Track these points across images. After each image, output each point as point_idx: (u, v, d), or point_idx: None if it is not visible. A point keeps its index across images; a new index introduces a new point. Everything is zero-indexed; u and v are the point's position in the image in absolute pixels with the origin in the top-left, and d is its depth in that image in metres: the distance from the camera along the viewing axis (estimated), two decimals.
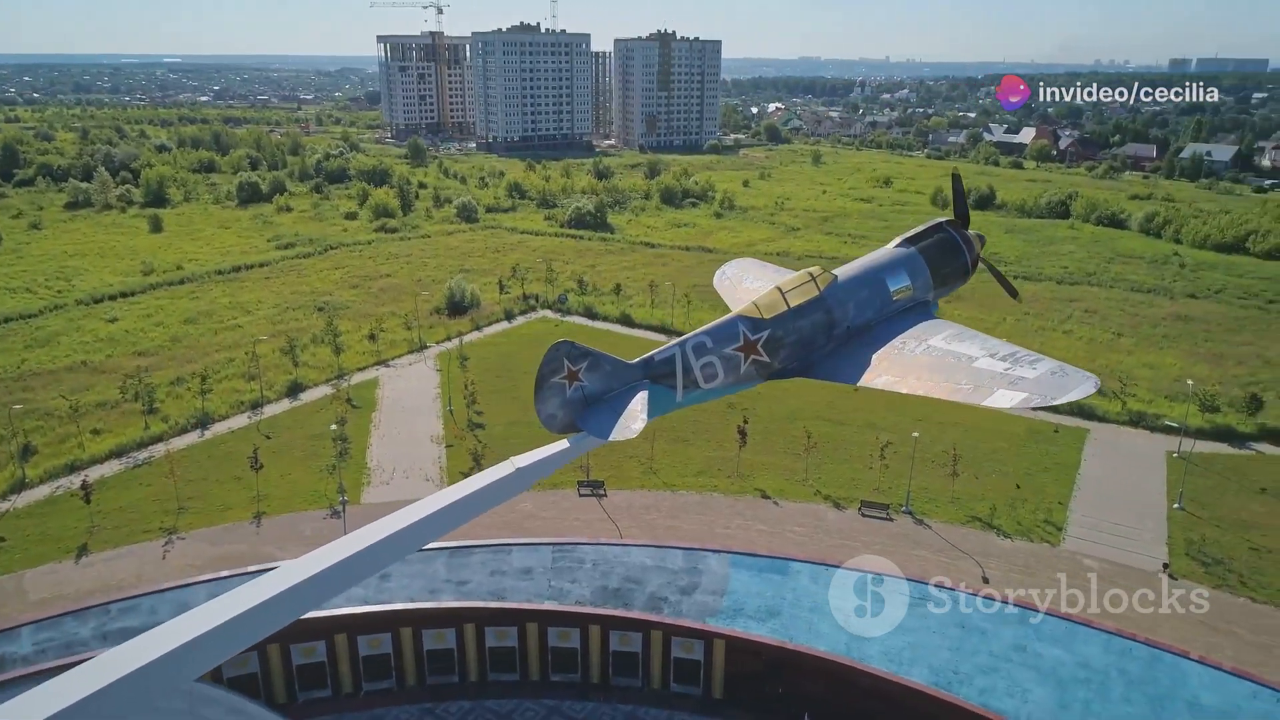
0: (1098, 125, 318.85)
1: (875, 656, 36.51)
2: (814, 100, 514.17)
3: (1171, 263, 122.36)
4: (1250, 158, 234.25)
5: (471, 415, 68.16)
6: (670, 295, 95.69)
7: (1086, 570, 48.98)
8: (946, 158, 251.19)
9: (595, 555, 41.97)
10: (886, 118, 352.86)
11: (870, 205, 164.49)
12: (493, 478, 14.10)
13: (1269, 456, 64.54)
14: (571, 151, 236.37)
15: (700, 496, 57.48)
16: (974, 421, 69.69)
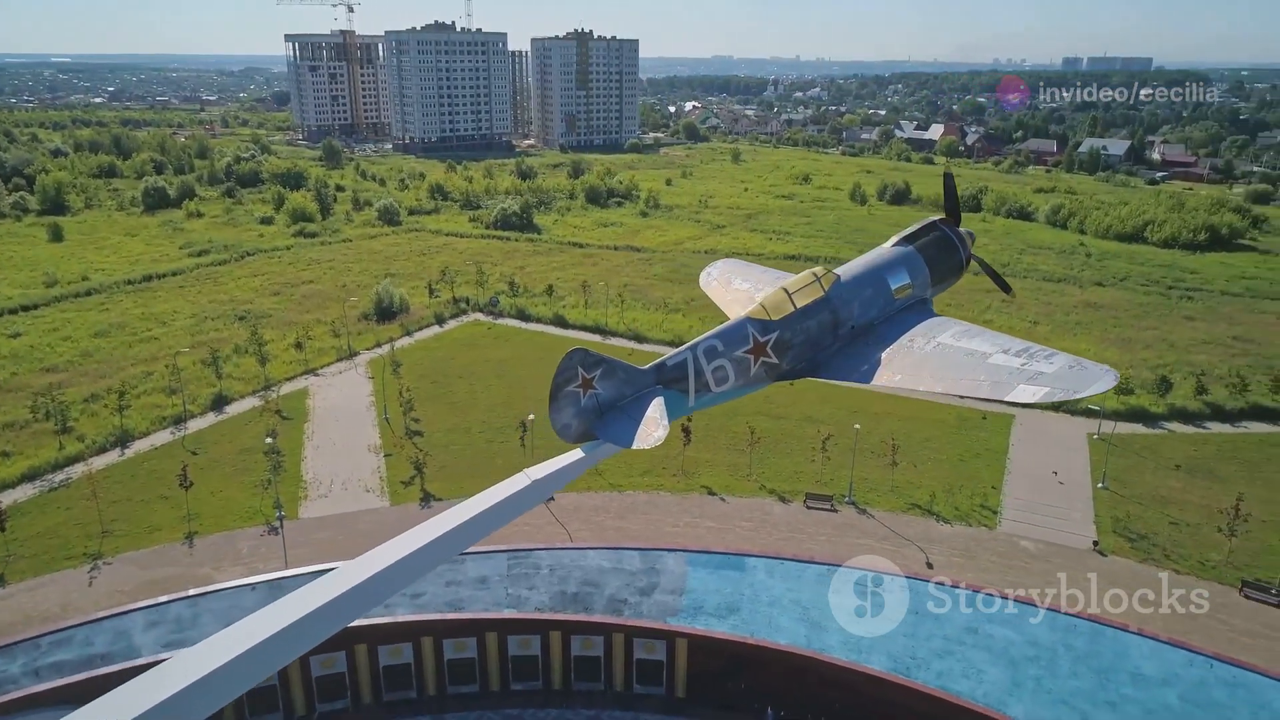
0: (1000, 122, 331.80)
1: (835, 646, 37.15)
2: (729, 99, 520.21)
3: (1078, 253, 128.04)
4: (1142, 151, 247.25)
5: (409, 423, 66.69)
6: (604, 295, 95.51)
7: (1035, 560, 50.80)
8: (861, 154, 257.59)
9: (551, 560, 41.60)
10: (801, 116, 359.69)
11: (792, 202, 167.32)
12: (508, 491, 13.77)
13: (1180, 435, 68.10)
14: (491, 152, 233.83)
15: (648, 496, 57.51)
16: (908, 412, 71.70)
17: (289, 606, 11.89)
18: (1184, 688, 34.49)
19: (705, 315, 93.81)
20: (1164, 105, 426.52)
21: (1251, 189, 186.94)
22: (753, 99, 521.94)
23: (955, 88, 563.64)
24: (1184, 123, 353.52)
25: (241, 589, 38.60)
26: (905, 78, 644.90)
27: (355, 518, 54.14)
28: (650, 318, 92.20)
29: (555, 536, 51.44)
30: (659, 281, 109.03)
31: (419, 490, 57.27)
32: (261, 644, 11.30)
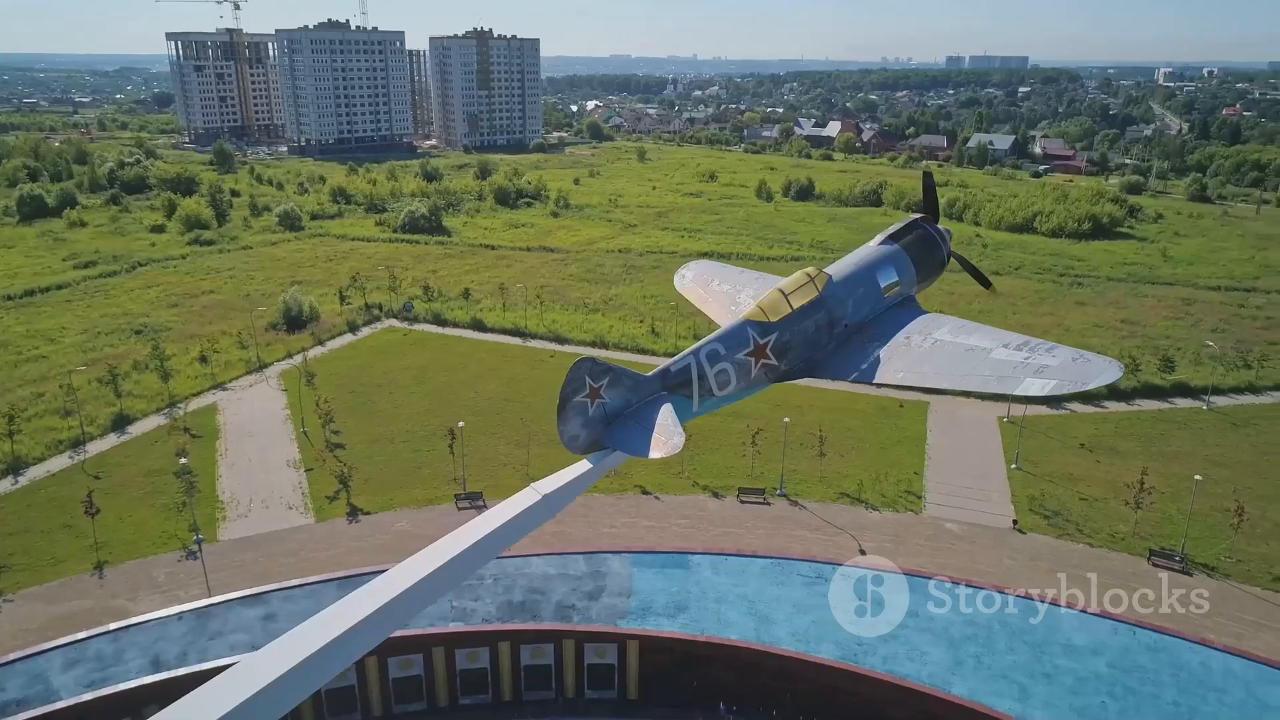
0: (892, 118, 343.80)
1: (784, 639, 37.73)
2: (629, 98, 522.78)
3: (975, 244, 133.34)
4: (1026, 145, 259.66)
5: (329, 435, 64.46)
6: (522, 297, 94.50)
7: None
8: (763, 152, 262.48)
9: (495, 570, 40.80)
10: (703, 114, 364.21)
11: (700, 199, 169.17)
12: (519, 507, 13.35)
13: (1081, 415, 71.74)
14: (392, 153, 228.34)
15: (583, 498, 56.46)
16: (830, 403, 73.30)
17: (296, 643, 11.32)
18: (1111, 655, 36.37)
19: (625, 315, 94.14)
20: (1041, 101, 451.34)
21: (1125, 180, 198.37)
22: (653, 98, 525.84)
23: (847, 85, 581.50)
24: (1060, 118, 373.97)
25: (168, 619, 36.63)
26: (800, 76, 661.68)
27: (279, 537, 52.00)
28: (570, 318, 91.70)
29: None
30: (576, 282, 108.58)
31: (345, 505, 55.45)
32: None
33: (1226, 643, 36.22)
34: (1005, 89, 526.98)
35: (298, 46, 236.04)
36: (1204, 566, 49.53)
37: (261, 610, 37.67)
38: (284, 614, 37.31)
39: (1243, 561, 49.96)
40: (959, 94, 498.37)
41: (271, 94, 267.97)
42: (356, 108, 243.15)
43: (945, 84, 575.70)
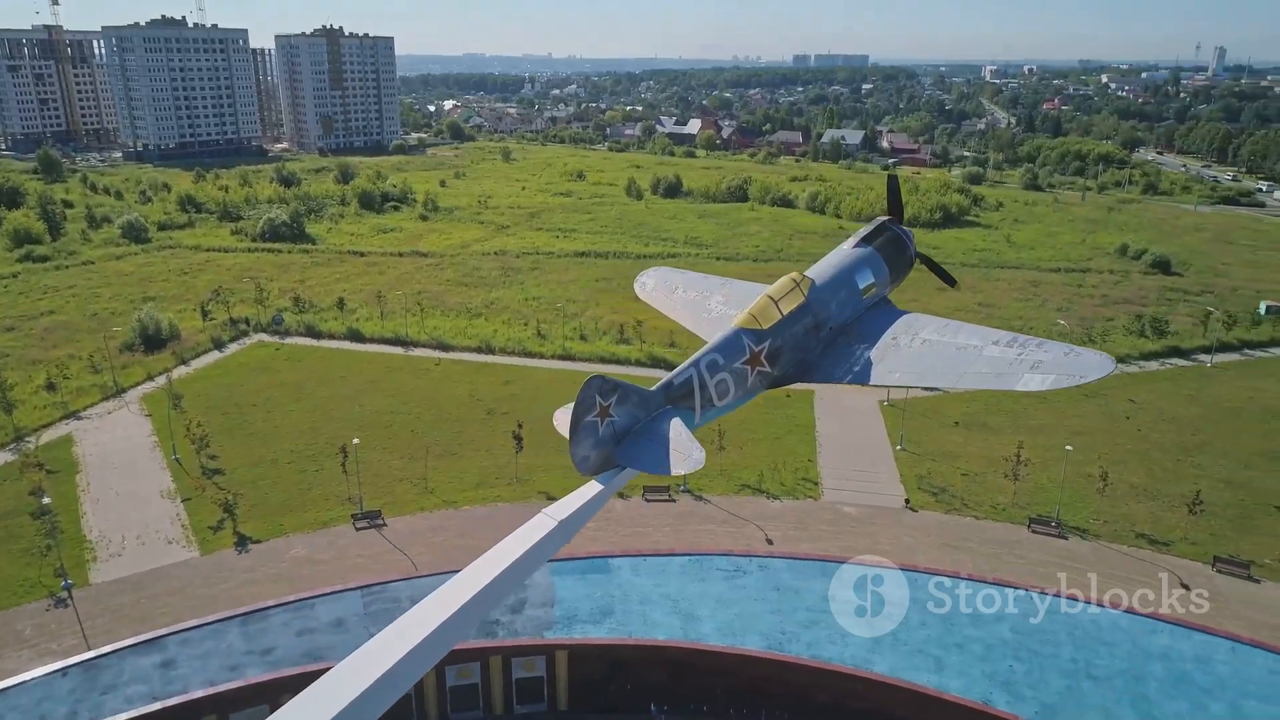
0: (749, 115, 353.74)
1: (710, 634, 38.20)
2: (487, 97, 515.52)
3: (839, 235, 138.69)
4: (874, 140, 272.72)
5: (204, 461, 60.38)
6: (400, 304, 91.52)
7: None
8: (627, 150, 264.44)
9: (411, 591, 39.40)
10: (564, 113, 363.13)
11: (570, 199, 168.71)
12: (533, 536, 12.79)
13: (953, 395, 75.72)
14: (241, 158, 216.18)
15: (486, 509, 55.92)
16: None
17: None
18: (1013, 621, 38.72)
19: (508, 319, 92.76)
20: (884, 97, 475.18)
21: (966, 171, 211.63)
22: (511, 97, 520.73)
23: (702, 83, 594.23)
24: (901, 113, 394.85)
25: (52, 676, 33.37)
26: (656, 74, 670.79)
27: (161, 575, 48.29)
28: (453, 324, 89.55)
29: (395, 567, 48.70)
30: (454, 286, 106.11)
31: (232, 534, 52.11)
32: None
33: (1112, 599, 39.23)
34: (850, 86, 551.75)
35: (129, 45, 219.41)
36: (1076, 529, 53.46)
37: (158, 657, 34.97)
38: (184, 659, 34.81)
39: (1109, 522, 54.25)
40: (808, 91, 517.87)
41: (100, 96, 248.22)
42: (199, 110, 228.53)
43: (794, 82, 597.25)
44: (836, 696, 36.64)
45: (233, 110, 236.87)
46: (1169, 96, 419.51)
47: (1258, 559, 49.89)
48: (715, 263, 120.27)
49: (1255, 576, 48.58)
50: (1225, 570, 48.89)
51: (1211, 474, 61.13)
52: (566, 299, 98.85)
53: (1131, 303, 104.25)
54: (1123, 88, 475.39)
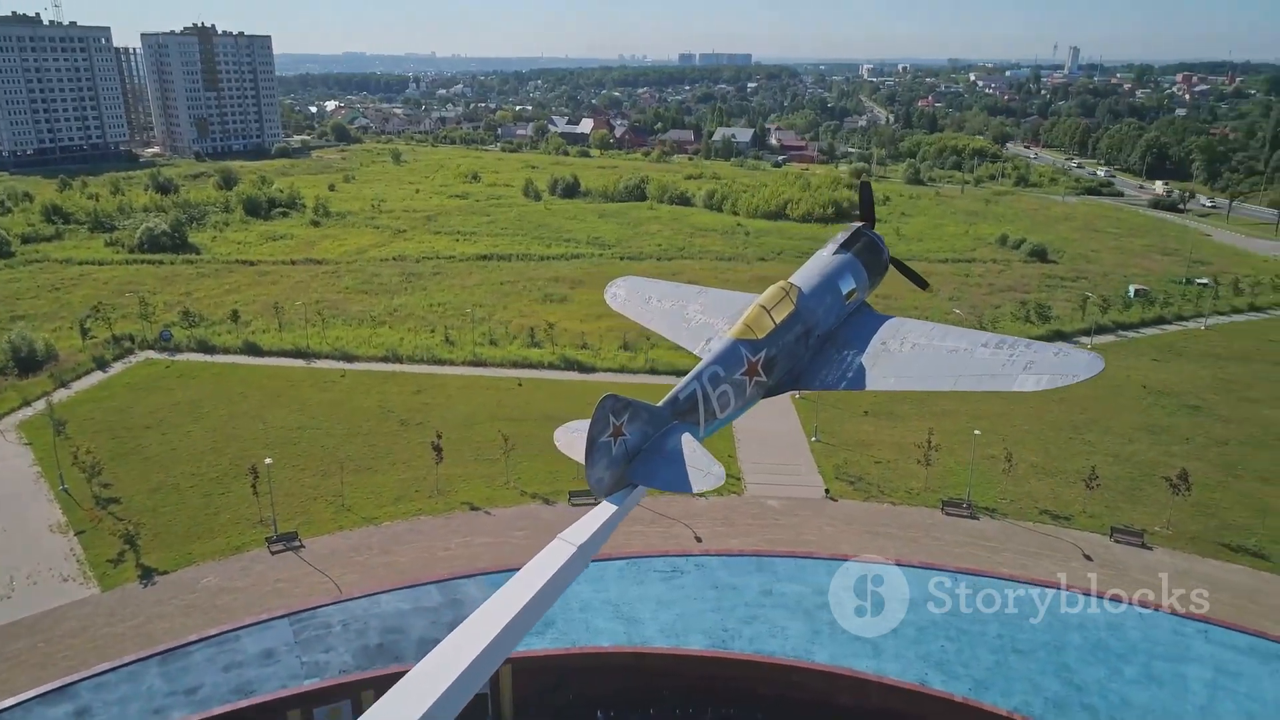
0: (640, 114, 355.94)
1: (654, 637, 38.21)
2: (370, 97, 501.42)
3: (738, 233, 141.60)
4: (764, 137, 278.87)
5: (97, 490, 56.53)
6: (299, 315, 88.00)
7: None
8: (520, 150, 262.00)
9: (342, 615, 37.99)
10: (453, 113, 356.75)
11: (467, 201, 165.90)
12: (554, 563, 12.39)
13: None
14: (110, 164, 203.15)
15: (408, 524, 54.35)
16: (639, 395, 74.79)
17: None
18: (940, 601, 40.23)
19: (414, 326, 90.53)
20: (768, 96, 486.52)
21: (853, 166, 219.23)
22: (396, 97, 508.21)
23: (591, 82, 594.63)
24: (786, 111, 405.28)
25: None
26: (543, 73, 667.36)
27: (59, 615, 44.93)
28: (356, 334, 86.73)
29: (319, 590, 46.84)
30: (353, 294, 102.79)
31: (135, 567, 48.98)
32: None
33: (1031, 576, 41.29)
34: (735, 84, 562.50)
35: None
36: (986, 509, 56.03)
37: (69, 706, 32.51)
38: (100, 706, 32.49)
39: (1014, 501, 57.09)
40: (695, 90, 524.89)
41: None
42: (58, 113, 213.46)
43: (681, 80, 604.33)
44: (780, 689, 37.27)
45: (97, 113, 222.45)
46: (1031, 93, 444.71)
47: (1149, 527, 53.47)
48: (620, 262, 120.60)
49: (1148, 544, 52.05)
50: (1122, 540, 52.17)
51: (1101, 449, 65.12)
52: (472, 303, 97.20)
53: (1015, 290, 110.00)
54: (989, 85, 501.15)
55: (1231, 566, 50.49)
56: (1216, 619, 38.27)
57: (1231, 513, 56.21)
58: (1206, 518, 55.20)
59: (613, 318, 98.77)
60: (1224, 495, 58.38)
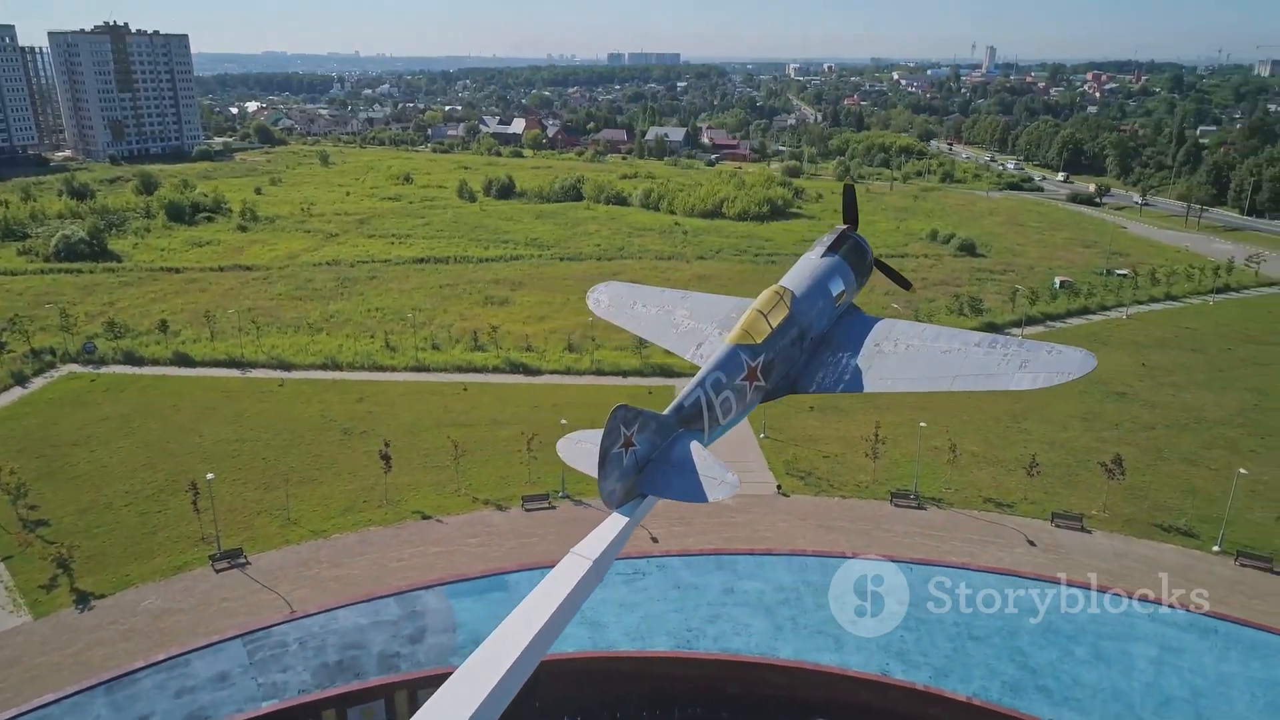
0: (571, 114, 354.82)
1: (619, 640, 38.11)
2: (293, 98, 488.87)
3: (675, 232, 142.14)
4: (696, 136, 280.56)
5: (23, 512, 53.82)
6: (232, 323, 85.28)
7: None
8: (451, 150, 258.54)
9: (298, 633, 36.94)
10: (380, 114, 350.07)
11: (400, 203, 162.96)
12: (571, 578, 12.15)
13: None
14: (18, 169, 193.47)
15: (357, 536, 53.08)
16: (584, 397, 74.68)
17: None
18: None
19: (352, 332, 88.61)
20: (699, 95, 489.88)
21: (785, 164, 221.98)
22: (319, 97, 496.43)
23: (520, 82, 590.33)
24: (716, 110, 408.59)
25: None
26: (471, 73, 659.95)
27: None
28: (292, 341, 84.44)
29: (268, 608, 45.44)
30: (287, 300, 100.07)
31: (69, 591, 46.78)
32: None
33: (987, 563, 42.43)
34: (665, 84, 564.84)
35: None
36: (933, 500, 57.34)
37: None
38: None
39: (959, 490, 58.57)
40: (625, 89, 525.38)
41: None
42: None
43: (611, 80, 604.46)
44: (746, 686, 37.54)
45: (1, 115, 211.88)
46: (952, 92, 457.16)
47: (1087, 511, 55.42)
48: (559, 263, 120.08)
49: (1087, 528, 53.95)
50: (1063, 525, 53.95)
51: (1038, 437, 67.25)
52: (411, 308, 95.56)
53: (948, 284, 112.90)
54: (912, 84, 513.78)
55: (1164, 546, 52.66)
56: (1157, 598, 39.84)
57: (1161, 494, 58.68)
58: (1139, 500, 57.49)
59: (556, 319, 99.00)
60: (1153, 478, 60.88)
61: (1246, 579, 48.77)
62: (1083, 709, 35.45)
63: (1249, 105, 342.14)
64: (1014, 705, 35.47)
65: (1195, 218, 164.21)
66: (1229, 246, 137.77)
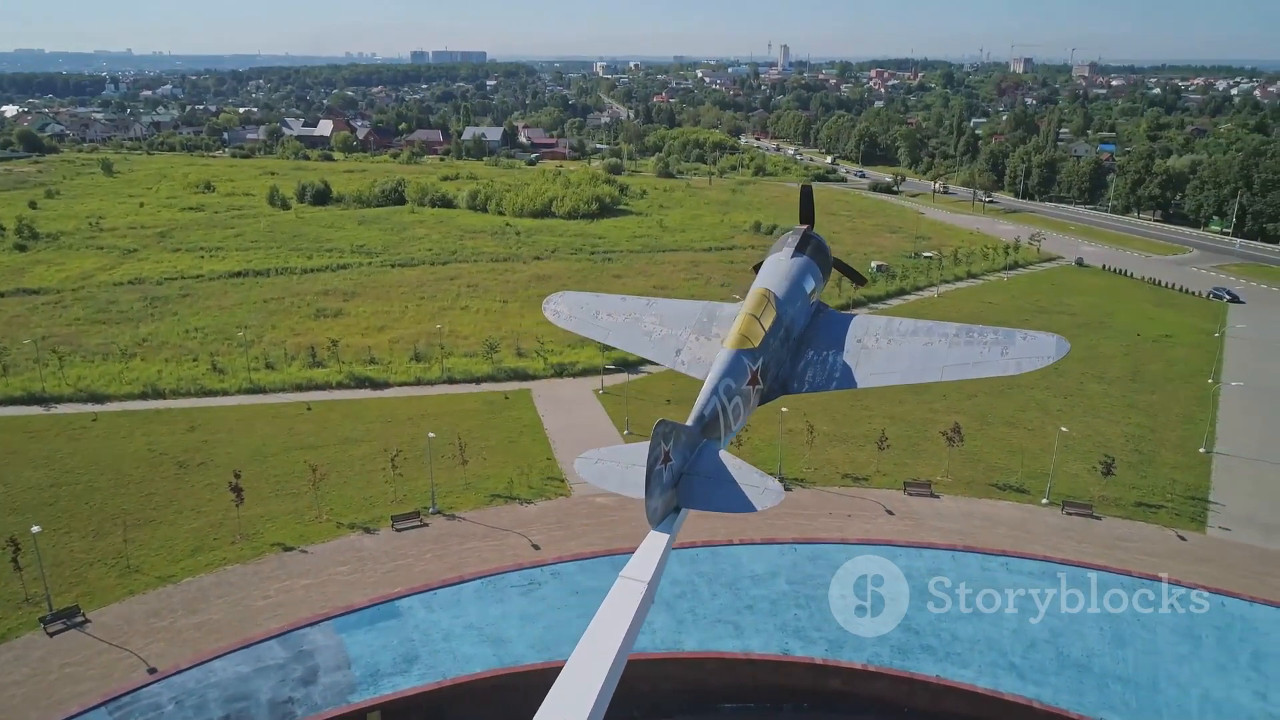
0: (380, 114, 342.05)
1: (525, 654, 37.49)
2: (59, 100, 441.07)
3: (508, 233, 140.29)
4: (514, 135, 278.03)
5: None
6: (27, 355, 76.08)
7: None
8: (254, 155, 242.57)
9: (171, 691, 33.83)
10: (168, 117, 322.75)
11: (204, 214, 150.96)
12: (629, 604, 11.64)
13: (654, 374, 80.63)
14: None
15: (212, 576, 48.83)
16: (437, 408, 72.58)
17: None
18: (787, 573, 42.74)
19: (172, 355, 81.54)
20: (509, 93, 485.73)
21: (606, 162, 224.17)
22: (91, 99, 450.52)
23: (319, 81, 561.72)
24: (529, 109, 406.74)
25: None
26: (264, 72, 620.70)
27: None
28: (103, 370, 76.44)
29: (117, 667, 41.02)
30: (88, 325, 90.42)
31: None
32: None
33: (859, 536, 44.86)
34: (474, 82, 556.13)
35: None
36: (797, 480, 59.93)
37: None
38: None
39: (819, 469, 61.58)
40: (433, 88, 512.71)
41: None
42: None
43: (417, 78, 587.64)
44: (654, 682, 37.87)
45: None
46: (753, 89, 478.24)
47: (933, 478, 59.80)
48: (392, 270, 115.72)
49: (936, 493, 58.21)
50: (914, 493, 57.93)
51: (878, 413, 71.72)
52: (237, 326, 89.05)
53: None
54: (716, 81, 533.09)
55: (1002, 503, 57.70)
56: (1015, 551, 43.73)
57: (993, 456, 64.27)
58: (975, 463, 62.69)
59: (396, 328, 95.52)
60: (983, 442, 66.51)
61: (1074, 526, 54.30)
62: (963, 661, 38.38)
63: (1009, 99, 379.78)
64: (904, 666, 37.92)
65: (981, 202, 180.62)
66: (1011, 227, 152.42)
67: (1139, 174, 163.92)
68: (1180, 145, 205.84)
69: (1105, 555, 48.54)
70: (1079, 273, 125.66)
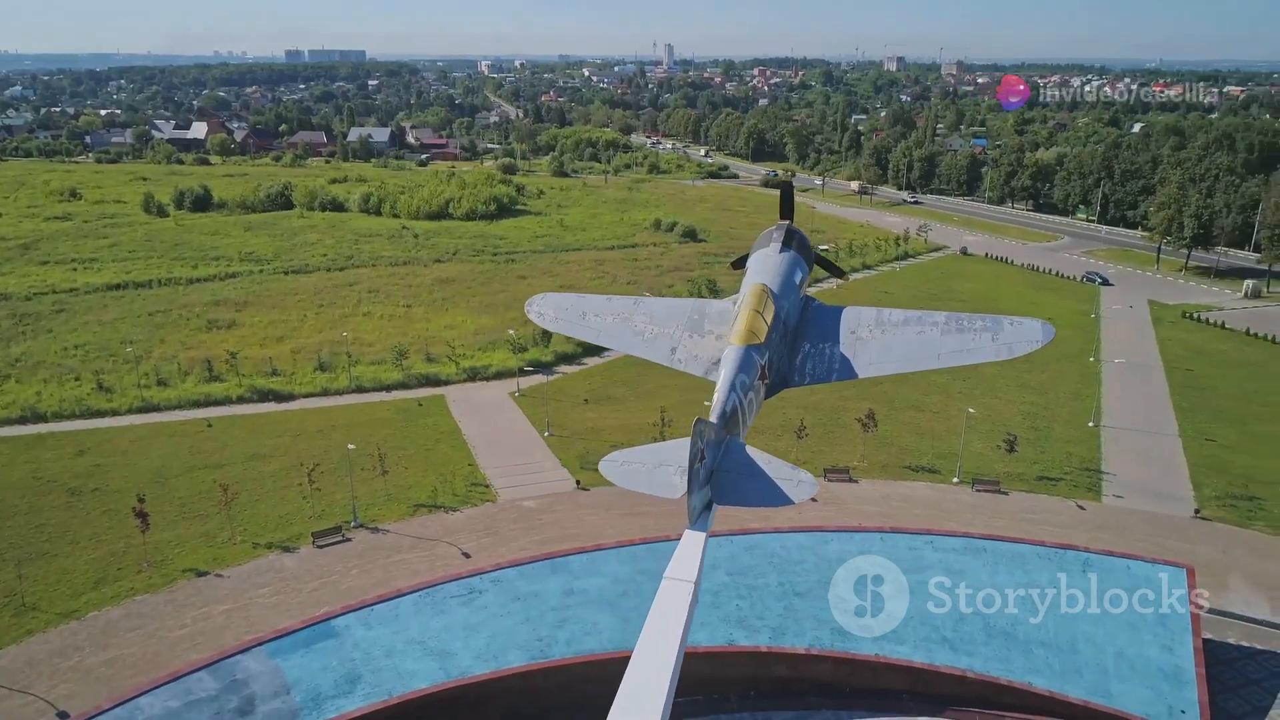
0: (258, 115, 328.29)
1: (471, 665, 36.69)
2: None
3: (405, 235, 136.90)
4: (402, 136, 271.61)
5: None
6: None
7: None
8: (121, 160, 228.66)
9: None
10: (20, 119, 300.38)
11: (73, 223, 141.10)
12: (679, 607, 11.46)
13: (571, 374, 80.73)
14: None
15: (120, 609, 45.95)
16: (348, 418, 70.39)
17: None
18: (726, 565, 43.21)
19: (52, 375, 76.19)
20: (393, 93, 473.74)
21: (500, 162, 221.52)
22: None
23: (188, 82, 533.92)
24: (414, 109, 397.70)
25: None
26: (125, 72, 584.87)
27: None
28: None
29: (20, 716, 38.21)
30: None
31: None
32: None
33: (792, 525, 45.82)
34: (354, 82, 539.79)
35: None
36: None
37: None
38: None
39: None
40: (312, 88, 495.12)
41: None
42: None
43: (294, 78, 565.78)
44: (604, 686, 37.51)
45: None
46: (640, 87, 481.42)
47: (851, 464, 61.75)
48: (286, 277, 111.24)
49: (854, 478, 60.14)
50: (834, 479, 59.67)
51: (791, 402, 73.06)
52: (120, 341, 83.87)
53: (681, 270, 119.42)
54: (603, 80, 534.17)
55: (916, 484, 60.16)
56: (938, 529, 45.56)
57: (903, 440, 66.86)
58: (888, 447, 65.08)
59: (296, 338, 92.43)
60: (893, 427, 69.05)
61: (984, 502, 57.15)
62: (898, 638, 39.69)
63: (885, 96, 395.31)
64: (845, 648, 38.95)
65: (867, 195, 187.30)
66: (898, 219, 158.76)
67: (1011, 166, 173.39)
68: (1045, 139, 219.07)
69: (1016, 528, 51.33)
70: (964, 261, 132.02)
